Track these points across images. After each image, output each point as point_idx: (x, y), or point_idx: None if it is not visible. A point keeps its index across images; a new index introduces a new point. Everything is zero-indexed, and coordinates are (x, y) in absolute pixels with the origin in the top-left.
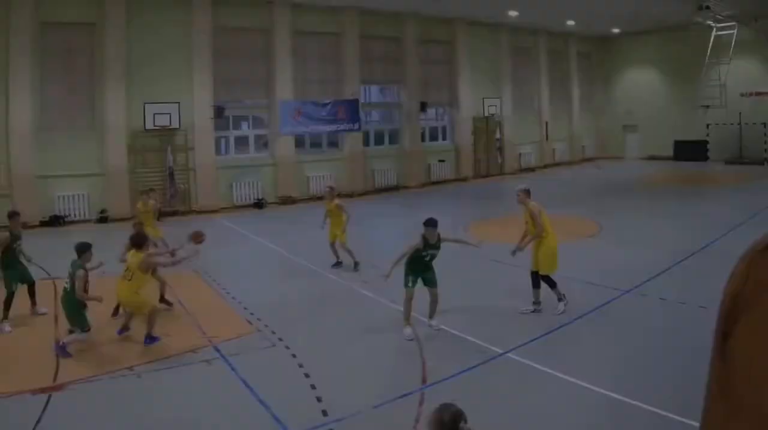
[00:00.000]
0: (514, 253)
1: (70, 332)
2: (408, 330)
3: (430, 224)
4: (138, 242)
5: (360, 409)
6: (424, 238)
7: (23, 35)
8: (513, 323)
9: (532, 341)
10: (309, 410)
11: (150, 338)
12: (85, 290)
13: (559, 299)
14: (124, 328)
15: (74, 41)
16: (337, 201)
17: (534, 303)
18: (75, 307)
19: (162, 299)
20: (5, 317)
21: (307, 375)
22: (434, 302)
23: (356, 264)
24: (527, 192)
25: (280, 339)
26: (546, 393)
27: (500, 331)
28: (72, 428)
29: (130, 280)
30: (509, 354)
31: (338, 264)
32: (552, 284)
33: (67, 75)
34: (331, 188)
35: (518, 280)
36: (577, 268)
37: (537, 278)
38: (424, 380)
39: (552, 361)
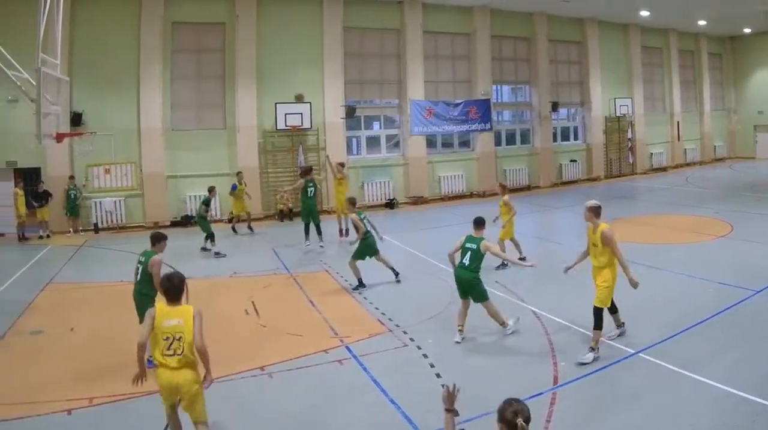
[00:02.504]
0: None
1: None
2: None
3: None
4: None
5: (490, 409)
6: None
7: (153, 35)
8: (644, 324)
9: (663, 341)
10: (440, 410)
11: None
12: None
13: (592, 348)
14: None
15: (204, 41)
16: (506, 197)
17: (618, 326)
18: (145, 300)
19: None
20: None
21: (438, 375)
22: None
23: (503, 265)
24: (596, 210)
25: (412, 339)
26: (678, 393)
27: (632, 331)
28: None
29: None
30: (641, 354)
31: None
32: (599, 324)
33: (198, 75)
34: (502, 185)
35: (648, 280)
36: (709, 268)
37: (613, 305)
38: (555, 381)
39: (683, 361)
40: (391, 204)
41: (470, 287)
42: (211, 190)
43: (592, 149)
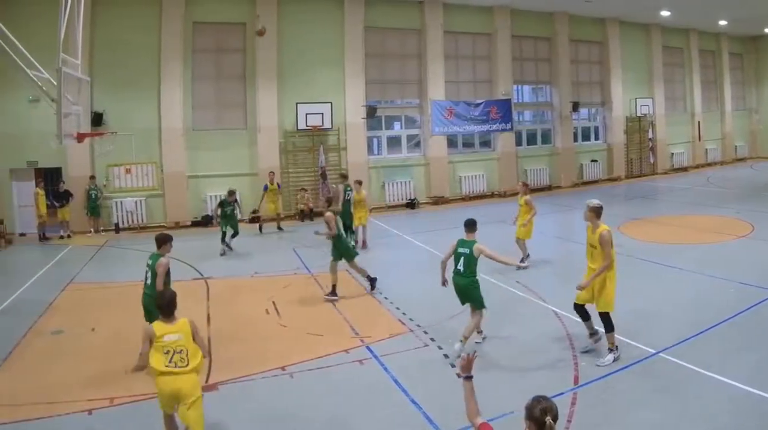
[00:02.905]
0: (581, 288)
1: None
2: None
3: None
4: None
5: (512, 409)
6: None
7: (174, 35)
8: (665, 323)
9: (683, 341)
10: (461, 410)
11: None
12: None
13: (610, 349)
14: None
15: (225, 41)
16: (527, 197)
17: (591, 335)
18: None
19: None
20: None
21: (459, 375)
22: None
23: (526, 257)
24: (597, 211)
25: (432, 339)
26: (698, 393)
27: (652, 331)
28: (223, 429)
29: None
30: (661, 354)
31: (525, 260)
32: (611, 327)
33: (218, 75)
34: (524, 184)
35: (669, 279)
36: (730, 268)
37: (585, 312)
38: (576, 381)
39: (704, 361)
40: (411, 204)
41: (468, 293)
42: (231, 193)
43: (613, 149)
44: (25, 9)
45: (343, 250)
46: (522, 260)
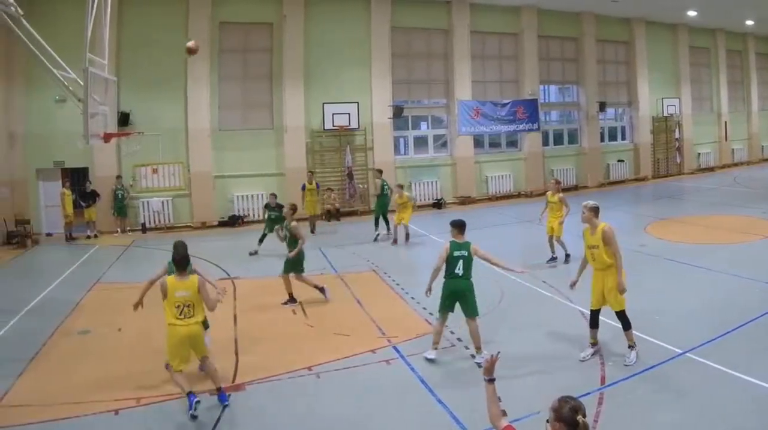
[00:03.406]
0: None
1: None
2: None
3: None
4: None
5: (539, 409)
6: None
7: (201, 35)
8: (691, 323)
9: (710, 340)
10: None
11: None
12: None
13: (630, 347)
14: None
15: (252, 41)
16: (560, 195)
17: (592, 345)
18: None
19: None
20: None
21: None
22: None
23: (567, 256)
24: (596, 210)
25: (459, 339)
26: (725, 392)
27: (678, 331)
28: (250, 428)
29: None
30: (688, 354)
31: (553, 259)
32: (628, 325)
33: (245, 75)
34: (557, 182)
35: (695, 279)
36: (756, 268)
37: (597, 317)
38: (602, 381)
39: (731, 361)
40: (438, 204)
41: (465, 297)
42: (273, 197)
43: (640, 149)
44: (52, 9)
45: (299, 262)
46: (553, 259)
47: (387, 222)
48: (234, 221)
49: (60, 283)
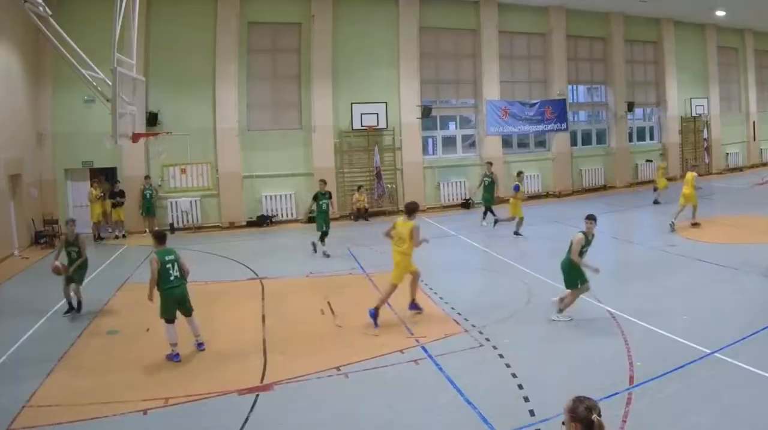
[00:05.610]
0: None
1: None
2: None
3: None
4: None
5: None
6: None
7: (229, 35)
8: (720, 323)
9: (739, 340)
10: (516, 410)
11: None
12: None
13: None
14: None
15: (280, 41)
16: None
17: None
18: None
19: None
20: None
21: (514, 375)
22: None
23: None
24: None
25: (488, 339)
26: (754, 393)
27: (707, 331)
28: (278, 428)
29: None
30: (716, 354)
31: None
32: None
33: (273, 75)
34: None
35: (724, 279)
36: None
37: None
38: (631, 381)
39: (759, 361)
40: (466, 204)
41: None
42: (324, 183)
43: (668, 149)
44: (80, 9)
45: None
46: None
47: (491, 212)
48: (262, 221)
49: (88, 283)
